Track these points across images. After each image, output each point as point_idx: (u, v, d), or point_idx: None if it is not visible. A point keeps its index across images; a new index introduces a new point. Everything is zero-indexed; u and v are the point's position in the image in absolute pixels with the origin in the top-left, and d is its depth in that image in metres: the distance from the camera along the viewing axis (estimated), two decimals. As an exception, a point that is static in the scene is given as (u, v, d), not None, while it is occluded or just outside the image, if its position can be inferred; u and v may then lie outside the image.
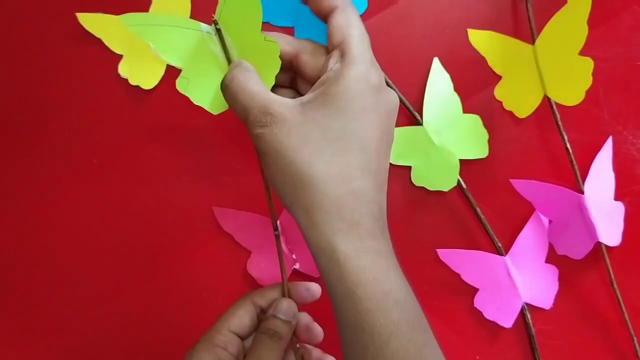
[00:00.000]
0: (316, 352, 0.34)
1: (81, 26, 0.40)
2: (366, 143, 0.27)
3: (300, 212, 0.26)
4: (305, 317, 0.34)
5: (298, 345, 0.34)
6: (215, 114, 0.31)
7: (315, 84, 0.28)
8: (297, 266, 0.40)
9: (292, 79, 0.32)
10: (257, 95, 0.27)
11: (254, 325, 0.33)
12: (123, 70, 0.40)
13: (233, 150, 0.41)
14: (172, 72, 0.41)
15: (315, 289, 0.34)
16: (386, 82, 0.41)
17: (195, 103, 0.30)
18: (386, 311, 0.25)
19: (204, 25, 0.29)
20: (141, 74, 0.40)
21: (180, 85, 0.29)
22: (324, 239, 0.26)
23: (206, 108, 0.30)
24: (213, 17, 0.29)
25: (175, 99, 0.41)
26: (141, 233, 0.41)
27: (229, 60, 0.30)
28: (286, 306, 0.32)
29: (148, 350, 0.41)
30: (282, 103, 0.27)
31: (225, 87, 0.28)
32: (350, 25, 0.28)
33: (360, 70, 0.27)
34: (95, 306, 0.40)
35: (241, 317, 0.32)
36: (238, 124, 0.41)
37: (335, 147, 0.26)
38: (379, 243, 0.26)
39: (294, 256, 0.40)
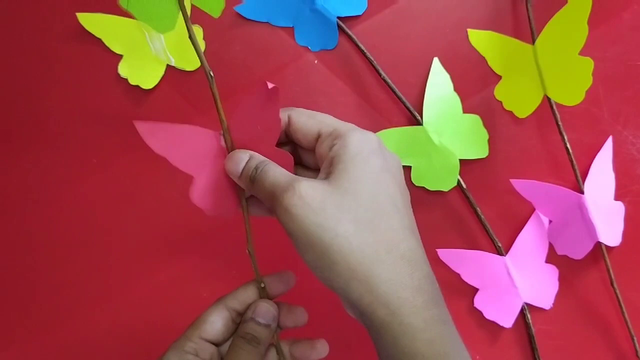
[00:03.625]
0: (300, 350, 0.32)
1: (81, 26, 0.40)
2: (396, 202, 0.26)
3: (361, 289, 0.24)
4: (283, 305, 0.32)
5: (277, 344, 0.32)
6: (162, 33, 0.29)
7: (323, 162, 0.28)
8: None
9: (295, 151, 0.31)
10: (283, 177, 0.26)
11: (230, 330, 0.31)
12: (123, 70, 0.40)
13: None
14: (172, 72, 0.41)
15: (289, 277, 0.32)
16: (386, 82, 0.41)
17: (139, 20, 0.28)
18: None
19: None
20: (141, 73, 0.40)
21: (122, 0, 0.27)
22: (389, 312, 0.24)
23: (151, 27, 0.28)
24: None
25: (175, 99, 0.42)
26: (141, 233, 0.41)
27: None
28: (265, 309, 0.30)
29: (148, 350, 0.41)
30: (308, 182, 0.26)
31: (252, 178, 0.28)
32: (313, 115, 0.29)
33: (359, 136, 0.27)
34: (95, 306, 0.40)
35: (213, 323, 0.30)
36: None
37: (372, 212, 0.25)
38: (440, 310, 0.25)
39: None
